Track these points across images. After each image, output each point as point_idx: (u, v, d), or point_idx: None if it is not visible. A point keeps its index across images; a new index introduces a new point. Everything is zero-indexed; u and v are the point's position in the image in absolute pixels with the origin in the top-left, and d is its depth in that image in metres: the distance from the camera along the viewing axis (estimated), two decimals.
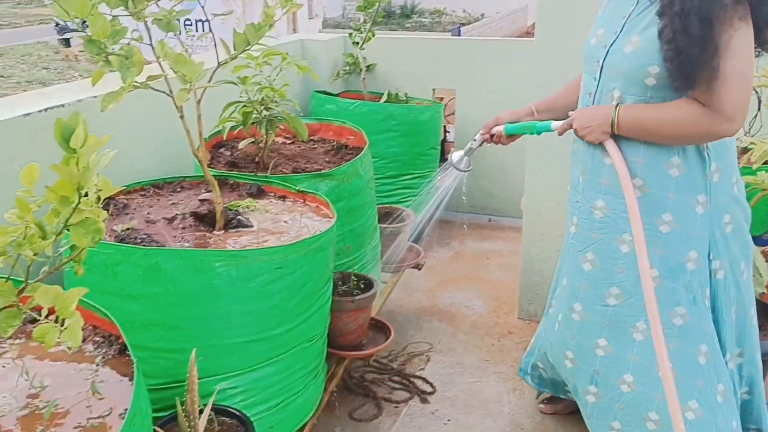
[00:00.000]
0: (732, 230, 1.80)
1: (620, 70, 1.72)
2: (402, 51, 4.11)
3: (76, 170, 1.13)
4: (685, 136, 1.67)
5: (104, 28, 1.54)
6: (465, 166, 2.16)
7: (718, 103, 1.57)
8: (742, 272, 1.86)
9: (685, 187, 1.73)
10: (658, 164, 1.73)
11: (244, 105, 2.46)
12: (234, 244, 1.91)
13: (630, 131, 1.72)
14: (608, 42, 1.75)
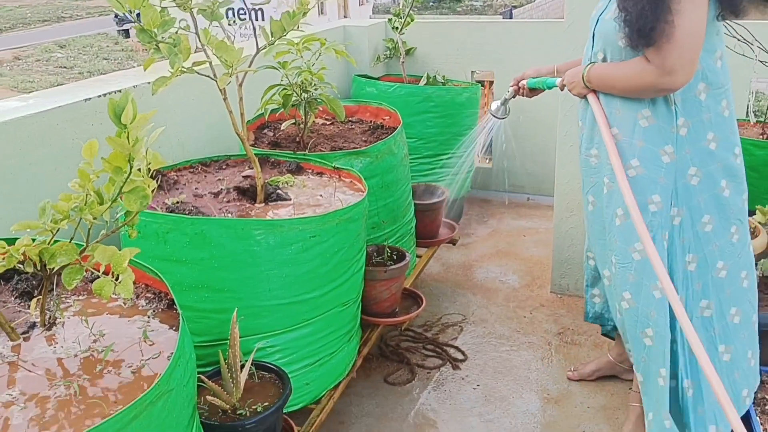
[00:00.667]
0: (698, 182, 1.92)
1: (602, 35, 1.97)
2: (440, 35, 4.22)
3: (127, 143, 1.30)
4: (635, 88, 1.88)
5: (155, 18, 1.71)
6: (502, 114, 2.45)
7: (660, 59, 1.77)
8: (704, 224, 1.96)
9: (652, 137, 1.92)
10: (630, 115, 1.94)
11: (284, 88, 2.62)
12: (272, 215, 2.08)
13: (597, 85, 2.00)
14: (599, 12, 2.01)
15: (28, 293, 1.57)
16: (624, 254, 2.01)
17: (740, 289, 2.04)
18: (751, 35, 2.69)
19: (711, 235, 1.98)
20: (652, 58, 1.80)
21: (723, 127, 1.94)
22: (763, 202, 2.72)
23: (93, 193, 1.34)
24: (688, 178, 1.94)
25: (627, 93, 1.93)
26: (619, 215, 2.00)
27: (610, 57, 1.96)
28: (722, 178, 1.96)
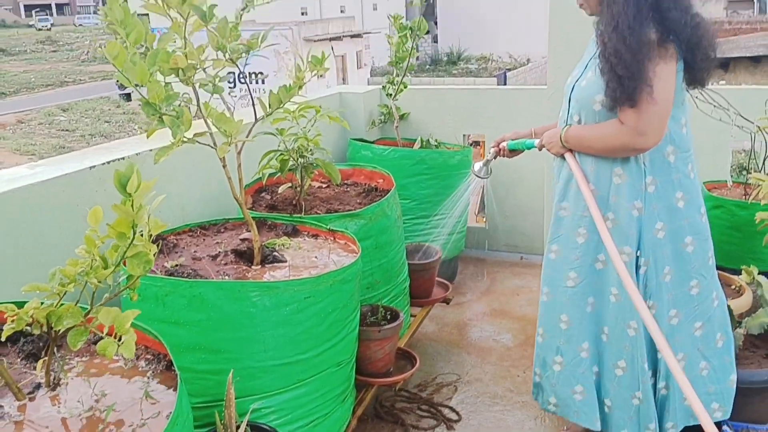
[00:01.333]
0: (663, 236, 2.12)
1: (578, 99, 2.16)
2: (433, 100, 4.37)
3: (131, 210, 1.38)
4: (610, 147, 2.07)
5: (159, 93, 1.82)
6: (484, 174, 2.58)
7: (633, 121, 1.96)
8: (665, 274, 2.13)
9: (624, 193, 2.10)
10: (605, 173, 2.13)
11: (281, 153, 2.73)
12: (268, 277, 2.14)
13: (574, 145, 2.17)
14: (575, 79, 2.21)
15: (34, 355, 1.62)
16: (603, 296, 2.21)
17: (691, 336, 2.22)
18: (725, 101, 2.82)
19: (669, 285, 2.16)
20: (626, 120, 1.98)
21: (690, 188, 2.13)
22: (747, 262, 2.80)
23: (98, 258, 1.41)
24: (654, 232, 2.11)
25: (602, 152, 2.11)
26: (601, 260, 2.19)
27: (585, 119, 2.15)
28: (688, 235, 2.13)
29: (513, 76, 28.88)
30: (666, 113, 1.99)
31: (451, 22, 34.15)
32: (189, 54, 1.91)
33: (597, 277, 2.22)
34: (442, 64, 33.80)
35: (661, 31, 1.93)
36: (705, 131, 3.13)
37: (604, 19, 1.97)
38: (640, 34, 1.89)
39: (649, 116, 1.95)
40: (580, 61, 2.25)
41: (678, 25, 1.94)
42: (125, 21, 1.81)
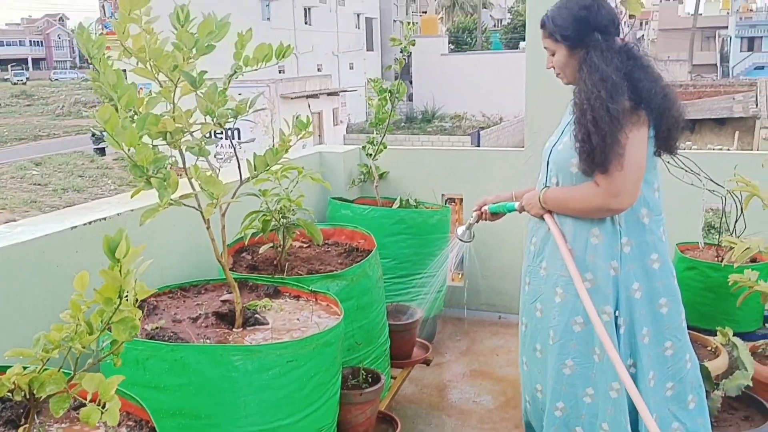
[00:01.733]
0: (641, 297, 2.16)
1: (555, 163, 2.23)
2: (412, 160, 4.45)
3: (119, 276, 1.38)
4: (586, 208, 2.13)
5: (147, 156, 1.83)
6: (467, 238, 2.58)
7: (608, 184, 2.04)
8: (643, 335, 2.16)
9: (601, 253, 2.15)
10: (583, 233, 2.18)
11: (263, 214, 2.75)
12: (250, 340, 2.13)
13: (552, 206, 2.23)
14: (552, 144, 2.29)
15: (13, 421, 1.58)
16: (585, 357, 2.20)
17: (663, 396, 2.23)
18: (696, 165, 2.92)
19: (648, 347, 2.18)
20: (601, 183, 2.06)
21: (663, 251, 2.19)
22: (722, 323, 2.85)
23: (84, 323, 1.40)
24: (632, 292, 2.16)
25: (578, 213, 2.17)
26: (579, 323, 2.19)
27: (562, 182, 2.22)
28: (662, 296, 2.18)
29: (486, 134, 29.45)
30: (639, 176, 2.07)
31: (426, 81, 34.91)
32: (177, 118, 1.94)
33: (576, 339, 2.22)
34: (417, 122, 34.40)
35: (634, 99, 2.02)
36: (677, 194, 3.23)
37: (583, 88, 2.06)
38: (616, 103, 1.98)
39: (623, 179, 2.03)
40: (558, 127, 2.34)
41: (649, 93, 2.04)
42: (118, 85, 1.85)
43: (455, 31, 52.05)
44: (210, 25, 1.85)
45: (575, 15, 2.11)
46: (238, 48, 2.10)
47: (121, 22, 1.92)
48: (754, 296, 2.92)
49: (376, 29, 39.63)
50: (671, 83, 2.17)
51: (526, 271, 2.40)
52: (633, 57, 2.08)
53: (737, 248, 2.78)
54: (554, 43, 2.18)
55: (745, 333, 3.06)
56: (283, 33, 26.79)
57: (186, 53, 1.93)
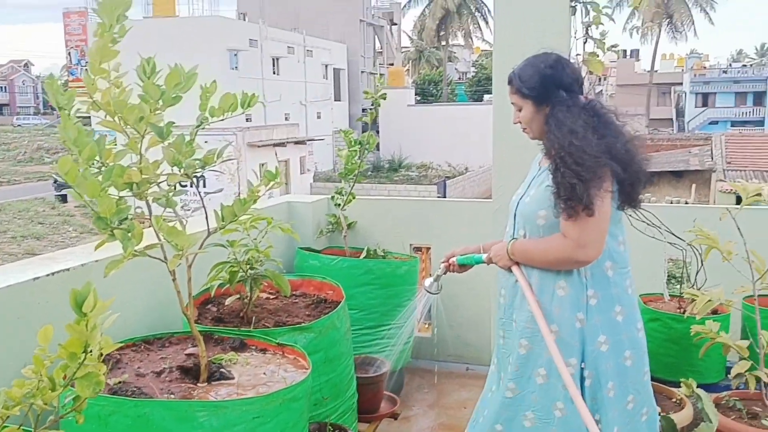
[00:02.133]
0: (607, 350, 2.16)
1: (523, 215, 2.27)
2: (381, 211, 4.47)
3: (86, 330, 1.35)
4: (553, 260, 2.16)
5: (110, 207, 1.81)
6: (435, 290, 2.59)
7: (576, 234, 2.07)
8: (609, 389, 2.15)
9: (567, 305, 2.17)
10: (549, 285, 2.19)
11: (231, 265, 2.72)
12: (216, 396, 2.08)
13: (520, 258, 2.25)
14: (519, 196, 2.33)
15: None
16: (546, 411, 2.18)
17: None
18: (658, 219, 2.99)
19: (614, 401, 2.17)
20: (568, 235, 2.09)
21: (628, 304, 2.22)
22: (686, 375, 2.88)
23: (46, 378, 1.36)
24: (598, 344, 2.16)
25: (545, 265, 2.19)
26: (542, 375, 2.19)
27: (530, 234, 2.25)
28: (627, 349, 2.19)
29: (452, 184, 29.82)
30: (604, 228, 2.11)
31: (393, 131, 35.36)
32: (144, 169, 1.93)
33: (538, 391, 2.21)
34: (384, 171, 34.69)
35: (598, 156, 2.07)
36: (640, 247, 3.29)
37: (554, 141, 2.12)
38: (585, 160, 2.04)
39: (590, 230, 2.07)
40: (524, 180, 2.39)
41: (614, 150, 2.09)
42: (78, 139, 1.83)
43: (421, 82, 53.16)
44: (177, 77, 1.86)
45: (541, 73, 2.18)
46: (203, 99, 2.11)
47: (92, 74, 1.92)
48: (717, 347, 2.97)
49: (343, 80, 40.20)
50: (636, 135, 2.22)
51: (499, 323, 2.40)
52: (597, 114, 2.15)
53: (699, 300, 2.83)
54: (521, 99, 2.24)
55: (709, 384, 3.10)
56: (250, 82, 27.02)
57: (153, 105, 1.93)
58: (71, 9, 36.48)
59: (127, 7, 1.76)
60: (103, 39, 1.79)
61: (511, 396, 2.26)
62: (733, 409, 2.80)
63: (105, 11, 1.77)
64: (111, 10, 1.76)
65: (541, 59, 2.22)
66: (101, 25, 1.77)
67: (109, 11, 1.78)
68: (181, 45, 24.95)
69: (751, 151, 27.78)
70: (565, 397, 2.15)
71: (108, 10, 1.77)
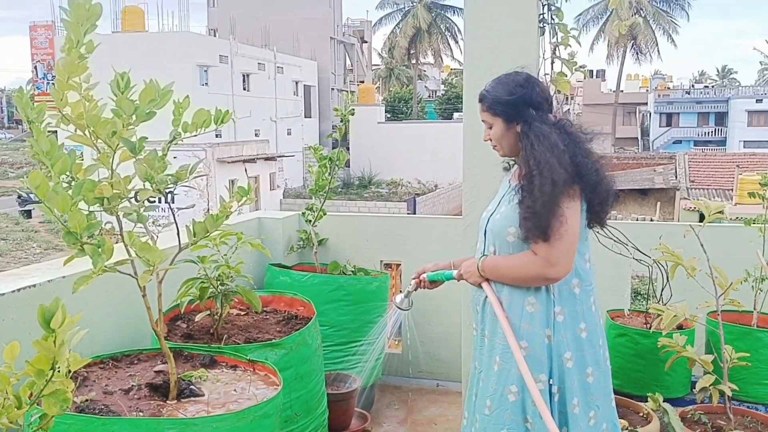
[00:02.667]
0: (572, 365, 2.20)
1: (493, 232, 2.30)
2: (351, 227, 4.48)
3: (53, 346, 1.33)
4: (524, 277, 2.19)
5: (81, 222, 1.79)
6: (406, 306, 2.60)
7: (546, 252, 2.10)
8: (574, 405, 2.21)
9: (537, 321, 2.20)
10: (518, 301, 2.22)
11: (201, 281, 2.70)
12: (185, 413, 2.06)
13: (490, 275, 2.27)
14: (489, 213, 2.36)
15: None
16: (518, 426, 2.20)
17: None
18: (624, 236, 3.05)
19: (578, 417, 2.21)
20: (539, 252, 2.12)
21: (591, 321, 2.25)
22: (652, 389, 2.92)
23: (12, 396, 1.34)
24: (564, 361, 2.20)
25: (516, 282, 2.22)
26: (513, 392, 2.21)
27: (499, 250, 2.27)
28: (589, 365, 2.23)
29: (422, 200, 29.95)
30: (574, 246, 2.15)
31: (363, 148, 35.45)
32: (115, 184, 1.91)
33: (511, 409, 2.22)
34: (354, 188, 34.71)
35: (569, 173, 2.12)
36: (606, 263, 3.35)
37: (529, 160, 2.14)
38: (559, 175, 2.08)
39: (560, 248, 2.11)
40: (494, 197, 2.42)
41: (583, 168, 2.14)
42: (50, 152, 1.81)
43: (391, 100, 53.44)
44: (152, 93, 1.85)
45: (512, 91, 2.22)
46: (176, 114, 2.10)
47: (59, 89, 1.90)
48: (682, 362, 3.02)
49: (314, 96, 40.25)
50: (603, 155, 2.28)
51: (474, 339, 2.43)
52: (566, 132, 2.19)
53: (665, 315, 2.89)
54: (492, 117, 2.27)
55: (675, 398, 3.15)
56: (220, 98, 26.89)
57: (126, 120, 1.92)
58: (38, 22, 35.98)
59: (95, 20, 1.75)
60: (70, 54, 1.77)
61: (488, 414, 2.27)
62: (698, 422, 2.85)
63: (72, 27, 1.76)
64: (78, 25, 1.75)
65: (512, 78, 2.26)
66: (68, 40, 1.76)
67: (76, 27, 1.77)
68: (151, 60, 24.74)
69: (713, 170, 28.44)
70: (533, 413, 2.17)
71: (75, 26, 1.76)
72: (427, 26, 50.02)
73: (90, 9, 1.71)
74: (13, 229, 24.72)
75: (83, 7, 1.71)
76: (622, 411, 3.05)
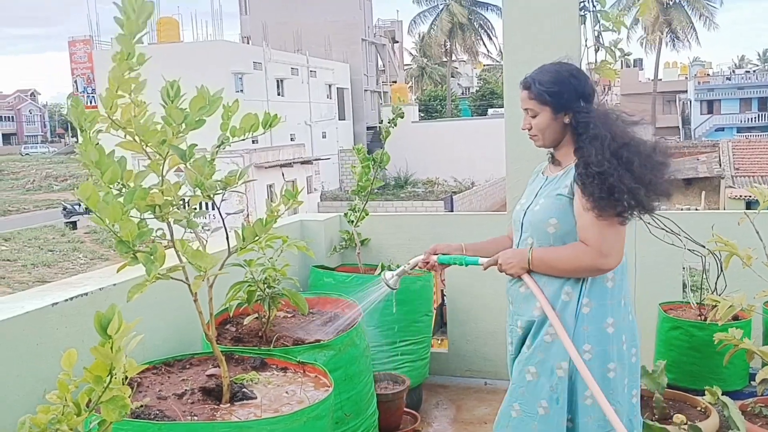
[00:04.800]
0: (590, 359, 2.17)
1: (531, 224, 2.28)
2: (393, 227, 4.46)
3: (110, 353, 1.34)
4: (575, 268, 2.16)
5: (132, 231, 1.81)
6: (394, 284, 2.61)
7: (598, 243, 2.09)
8: (586, 397, 2.19)
9: (565, 310, 2.19)
10: (555, 291, 2.21)
11: (249, 285, 2.71)
12: (239, 416, 2.06)
13: (538, 266, 2.22)
14: (526, 206, 2.33)
15: None
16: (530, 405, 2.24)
17: None
18: (677, 225, 2.97)
19: (590, 409, 2.19)
20: (591, 243, 2.10)
21: (619, 316, 2.21)
22: (709, 383, 2.84)
23: (71, 403, 1.35)
24: (581, 353, 2.16)
25: (566, 273, 2.19)
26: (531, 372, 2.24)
27: (538, 242, 2.25)
28: (612, 361, 2.19)
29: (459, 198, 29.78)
30: (624, 237, 2.13)
31: (397, 148, 35.37)
32: (166, 191, 1.93)
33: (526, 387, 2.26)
34: (390, 188, 34.73)
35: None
36: (658, 254, 3.28)
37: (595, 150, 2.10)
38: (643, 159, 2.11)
39: (612, 239, 2.09)
40: (528, 191, 2.40)
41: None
42: (100, 162, 1.84)
43: (425, 99, 53.34)
44: (202, 100, 1.86)
45: (564, 80, 2.19)
46: (225, 119, 2.11)
47: (109, 98, 1.93)
48: (740, 354, 2.93)
49: (347, 99, 40.40)
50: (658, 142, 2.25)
51: (507, 330, 2.43)
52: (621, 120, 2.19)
53: (721, 306, 2.80)
54: (539, 105, 2.22)
55: (733, 391, 3.06)
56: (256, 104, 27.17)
57: (175, 128, 1.93)
58: (76, 37, 36.85)
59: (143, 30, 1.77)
60: (120, 66, 1.80)
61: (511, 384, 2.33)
62: (759, 416, 2.76)
63: (123, 41, 1.78)
64: (128, 39, 1.77)
65: (564, 67, 2.23)
66: (120, 53, 1.78)
67: (127, 41, 1.79)
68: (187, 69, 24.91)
69: (758, 156, 27.71)
70: (549, 398, 2.21)
71: (126, 40, 1.78)
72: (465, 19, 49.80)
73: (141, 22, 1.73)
74: (59, 241, 25.38)
75: (135, 22, 1.73)
76: (678, 405, 2.97)
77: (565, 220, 2.19)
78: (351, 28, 40.51)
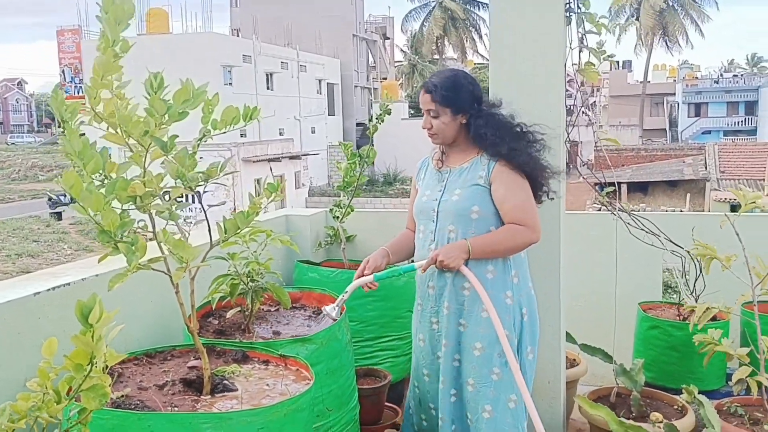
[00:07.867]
0: (527, 319, 2.58)
1: (451, 212, 2.54)
2: (379, 223, 4.48)
3: (91, 341, 1.35)
4: (515, 247, 2.50)
5: (114, 221, 1.82)
6: (336, 315, 2.67)
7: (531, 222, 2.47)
8: (528, 353, 2.60)
9: (497, 286, 2.52)
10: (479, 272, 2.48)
11: (232, 278, 2.72)
12: (220, 408, 2.08)
13: (480, 253, 2.48)
14: (437, 197, 2.60)
15: None
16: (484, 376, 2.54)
17: None
18: (656, 227, 3.01)
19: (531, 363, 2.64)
20: (526, 222, 2.45)
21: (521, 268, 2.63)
22: (686, 382, 2.88)
23: (51, 391, 1.36)
24: (522, 316, 2.56)
25: (506, 253, 2.52)
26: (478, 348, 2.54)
27: (462, 229, 2.52)
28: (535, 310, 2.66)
29: None
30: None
31: (387, 144, 35.38)
32: (147, 182, 1.93)
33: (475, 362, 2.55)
34: (379, 185, 34.73)
35: None
36: (638, 254, 3.32)
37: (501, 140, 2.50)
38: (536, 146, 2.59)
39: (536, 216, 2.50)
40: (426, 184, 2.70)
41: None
42: (83, 152, 1.84)
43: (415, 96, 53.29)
44: (186, 93, 1.87)
45: (464, 87, 2.53)
46: (206, 112, 2.11)
47: (93, 87, 1.92)
48: (718, 354, 2.97)
49: (337, 94, 40.33)
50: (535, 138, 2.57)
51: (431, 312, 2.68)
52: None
53: (698, 310, 2.84)
54: (440, 107, 2.52)
55: (710, 391, 3.10)
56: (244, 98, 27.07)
57: (158, 120, 1.94)
58: (65, 27, 36.55)
59: (129, 18, 1.76)
60: (106, 53, 1.80)
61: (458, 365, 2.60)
62: (734, 415, 2.80)
63: (108, 25, 1.78)
64: (114, 24, 1.77)
65: (461, 74, 2.61)
66: (104, 38, 1.78)
67: (112, 25, 1.79)
68: (175, 61, 24.99)
69: (744, 160, 27.96)
70: (500, 364, 2.50)
71: (111, 24, 1.78)
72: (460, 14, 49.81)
73: (126, 8, 1.73)
74: (44, 231, 25.19)
75: (120, 7, 1.73)
76: (655, 404, 3.02)
77: (485, 206, 2.50)
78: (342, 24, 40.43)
